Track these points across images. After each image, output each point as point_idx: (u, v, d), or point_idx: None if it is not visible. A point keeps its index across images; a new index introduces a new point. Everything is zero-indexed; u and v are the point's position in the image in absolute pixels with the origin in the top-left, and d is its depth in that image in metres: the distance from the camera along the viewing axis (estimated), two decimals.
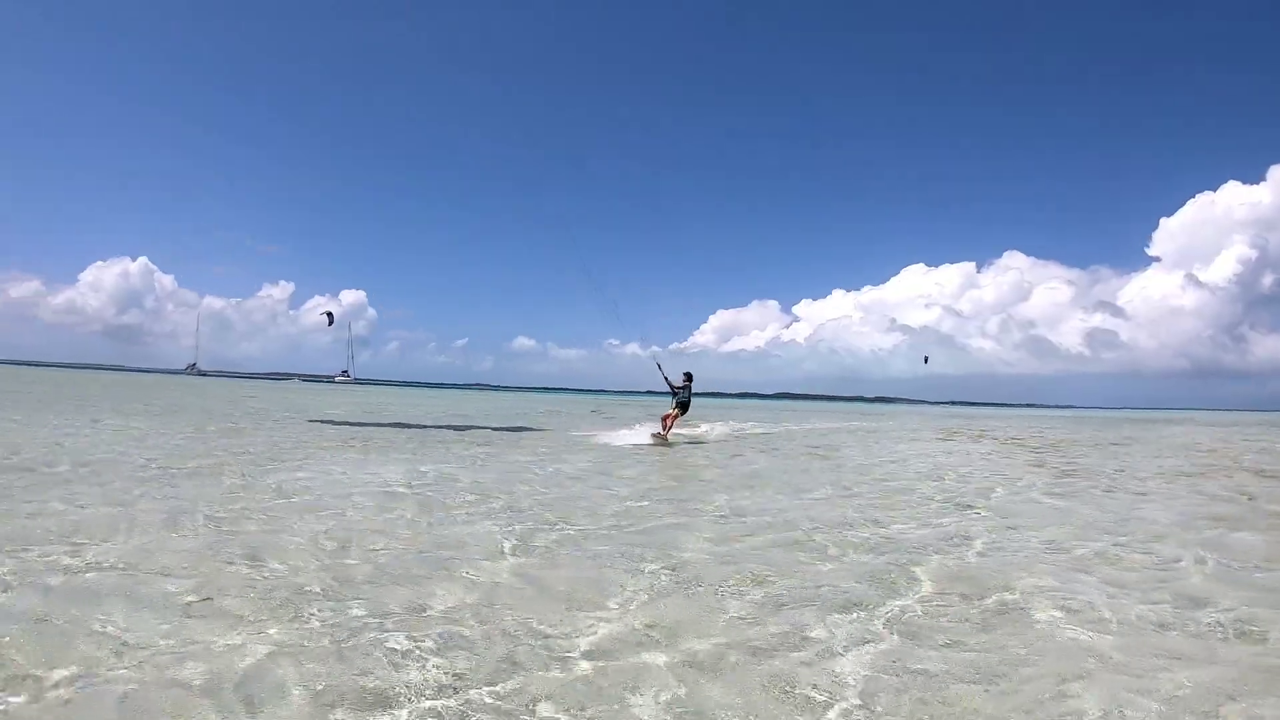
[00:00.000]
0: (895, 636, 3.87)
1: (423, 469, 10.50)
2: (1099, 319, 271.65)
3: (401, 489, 8.49)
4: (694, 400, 18.27)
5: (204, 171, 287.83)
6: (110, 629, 3.58)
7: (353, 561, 5.13)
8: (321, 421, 20.00)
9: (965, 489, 10.10)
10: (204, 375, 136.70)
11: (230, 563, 4.94)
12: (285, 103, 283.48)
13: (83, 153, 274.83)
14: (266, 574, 4.73)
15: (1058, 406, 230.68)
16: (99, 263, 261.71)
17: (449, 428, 20.57)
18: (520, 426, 21.99)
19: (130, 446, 11.62)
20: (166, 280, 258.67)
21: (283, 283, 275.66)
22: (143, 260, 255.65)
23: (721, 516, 7.45)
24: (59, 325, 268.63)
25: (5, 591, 4.08)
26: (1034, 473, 12.46)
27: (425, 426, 20.68)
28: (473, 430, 20.02)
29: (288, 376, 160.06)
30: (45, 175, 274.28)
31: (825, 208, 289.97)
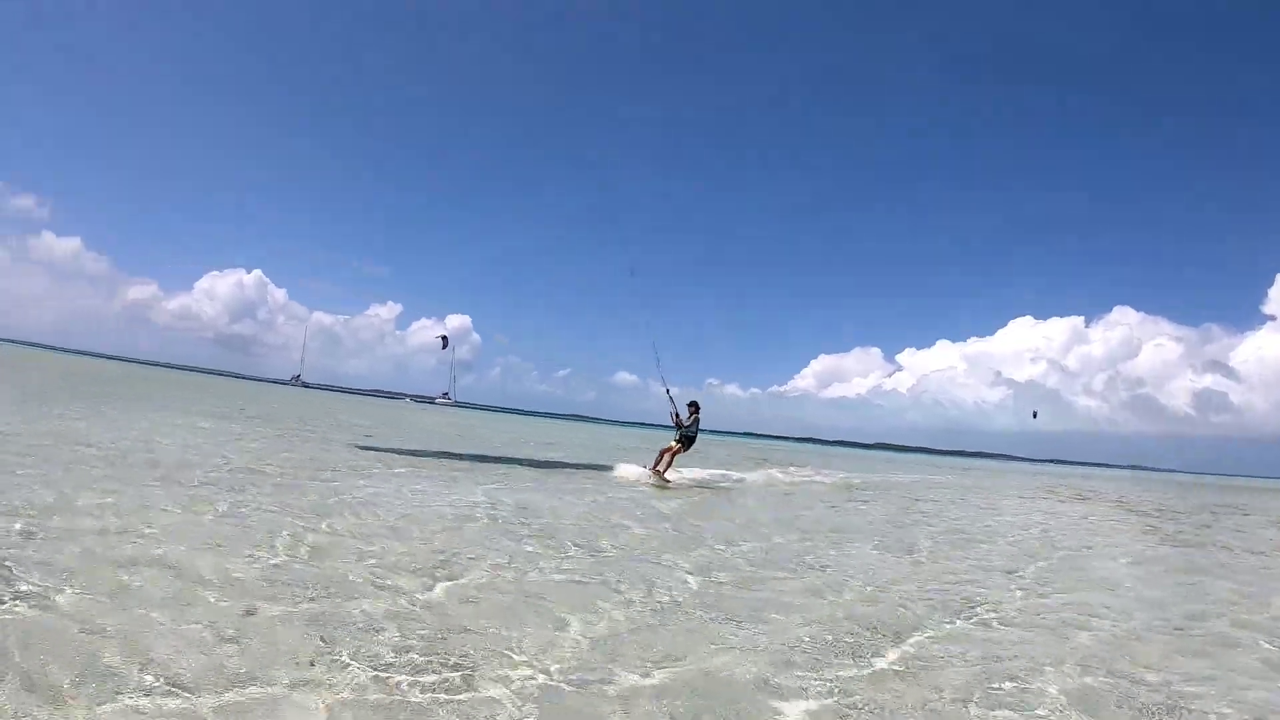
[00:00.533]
0: (838, 696, 3.76)
1: (476, 490, 10.75)
2: (1209, 380, 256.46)
3: (444, 507, 8.76)
4: (776, 443, 17.84)
5: (319, 190, 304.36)
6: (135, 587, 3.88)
7: (371, 562, 5.32)
8: (391, 451, 20.52)
9: (1033, 549, 9.62)
10: (307, 387, 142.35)
11: (249, 549, 5.20)
12: (401, 128, 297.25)
13: (206, 164, 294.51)
14: (274, 563, 5.00)
15: (1162, 470, 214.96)
16: (214, 272, 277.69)
17: (517, 460, 20.90)
18: (598, 462, 22.01)
19: (209, 445, 12.32)
20: (279, 294, 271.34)
21: (390, 303, 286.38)
22: (257, 273, 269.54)
23: (743, 557, 7.37)
24: (173, 329, 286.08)
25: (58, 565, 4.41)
26: (1129, 539, 11.83)
27: (499, 455, 21.03)
28: (550, 457, 20.33)
29: (399, 395, 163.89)
30: (169, 184, 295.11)
31: (931, 255, 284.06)
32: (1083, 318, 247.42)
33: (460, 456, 17.53)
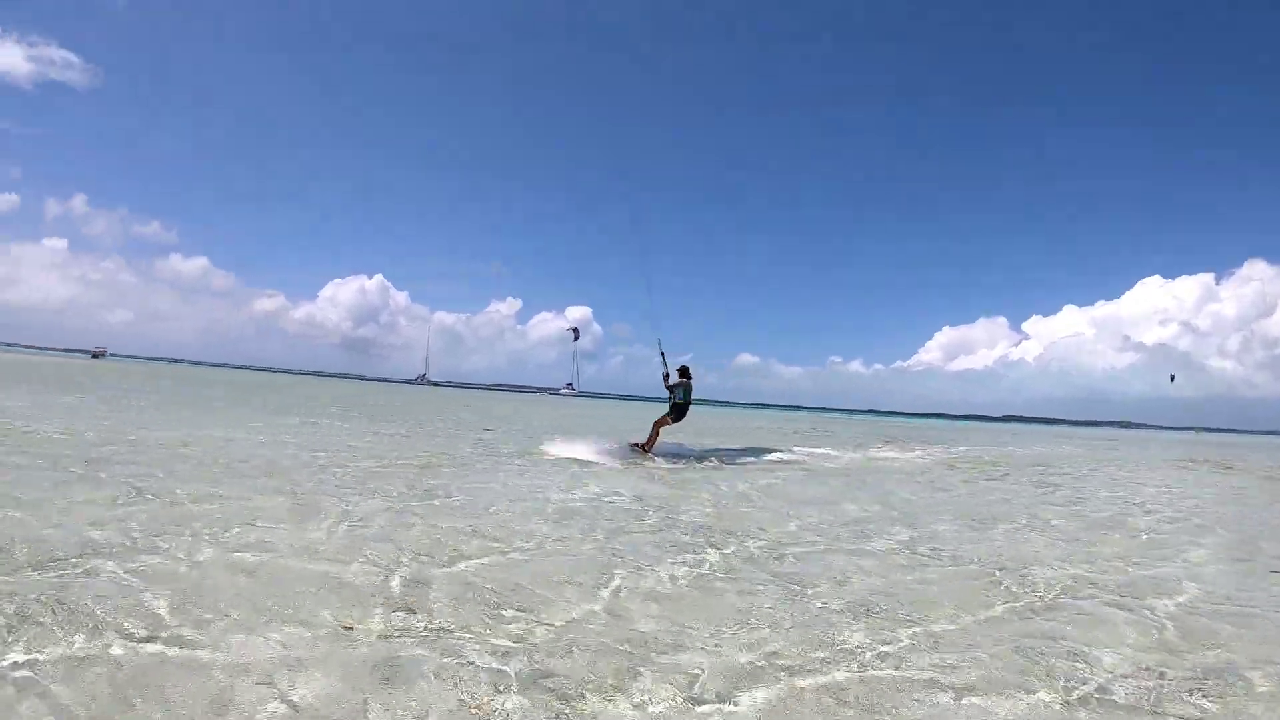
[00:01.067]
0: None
1: (591, 484, 10.46)
2: None
3: (533, 496, 8.95)
4: (900, 420, 16.37)
5: (435, 194, 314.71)
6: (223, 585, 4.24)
7: (456, 541, 5.51)
8: (506, 444, 20.71)
9: (1142, 523, 8.97)
10: (433, 385, 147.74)
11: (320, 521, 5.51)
12: (513, 128, 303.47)
13: (321, 176, 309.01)
14: (337, 522, 5.22)
15: None
16: (337, 280, 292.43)
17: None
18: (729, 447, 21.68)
19: (321, 445, 13.03)
20: (400, 296, 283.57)
21: (510, 299, 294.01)
22: (378, 277, 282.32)
23: (817, 532, 7.16)
24: (300, 336, 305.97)
25: (159, 558, 4.85)
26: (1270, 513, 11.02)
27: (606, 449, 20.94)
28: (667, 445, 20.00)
29: (528, 389, 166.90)
30: (286, 199, 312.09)
31: (1055, 216, 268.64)
32: (1213, 274, 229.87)
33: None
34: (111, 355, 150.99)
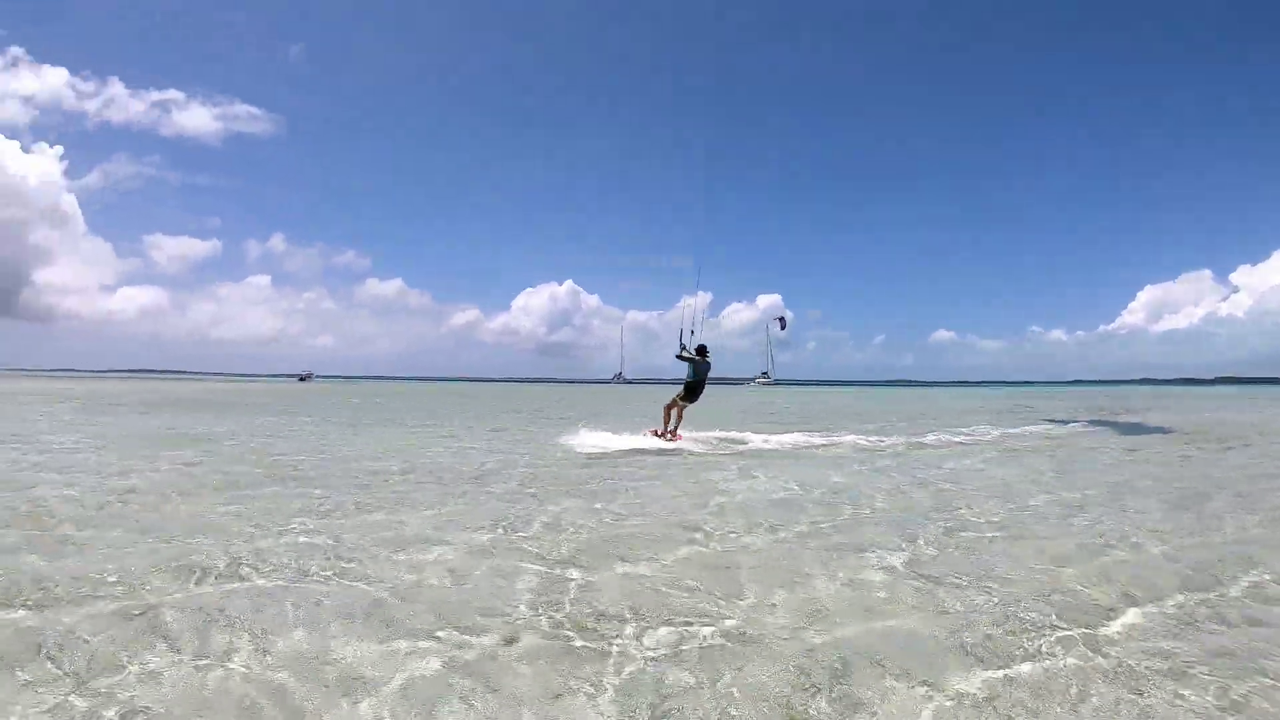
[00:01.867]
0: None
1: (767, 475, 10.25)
2: None
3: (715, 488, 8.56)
4: (1105, 389, 12.98)
5: (617, 196, 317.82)
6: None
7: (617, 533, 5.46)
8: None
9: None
10: (629, 383, 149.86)
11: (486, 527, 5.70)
12: (689, 122, 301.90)
13: (499, 189, 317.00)
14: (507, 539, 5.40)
15: None
16: (529, 289, 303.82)
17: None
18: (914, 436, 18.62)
19: (508, 450, 13.27)
20: (591, 300, 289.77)
21: (701, 293, 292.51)
22: (569, 283, 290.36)
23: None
24: (498, 345, 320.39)
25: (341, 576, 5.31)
26: None
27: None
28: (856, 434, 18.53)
29: (730, 381, 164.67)
30: (469, 215, 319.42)
31: (1257, 149, 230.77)
32: None
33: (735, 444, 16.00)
34: (317, 377, 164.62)
